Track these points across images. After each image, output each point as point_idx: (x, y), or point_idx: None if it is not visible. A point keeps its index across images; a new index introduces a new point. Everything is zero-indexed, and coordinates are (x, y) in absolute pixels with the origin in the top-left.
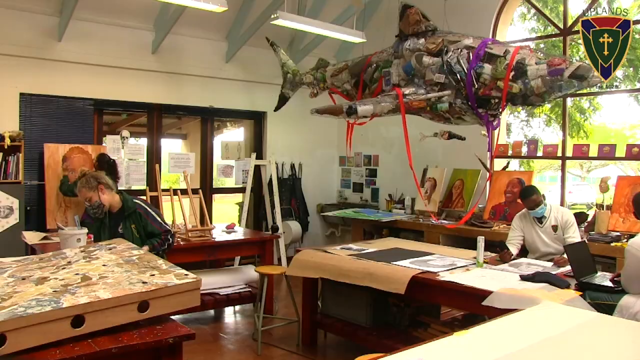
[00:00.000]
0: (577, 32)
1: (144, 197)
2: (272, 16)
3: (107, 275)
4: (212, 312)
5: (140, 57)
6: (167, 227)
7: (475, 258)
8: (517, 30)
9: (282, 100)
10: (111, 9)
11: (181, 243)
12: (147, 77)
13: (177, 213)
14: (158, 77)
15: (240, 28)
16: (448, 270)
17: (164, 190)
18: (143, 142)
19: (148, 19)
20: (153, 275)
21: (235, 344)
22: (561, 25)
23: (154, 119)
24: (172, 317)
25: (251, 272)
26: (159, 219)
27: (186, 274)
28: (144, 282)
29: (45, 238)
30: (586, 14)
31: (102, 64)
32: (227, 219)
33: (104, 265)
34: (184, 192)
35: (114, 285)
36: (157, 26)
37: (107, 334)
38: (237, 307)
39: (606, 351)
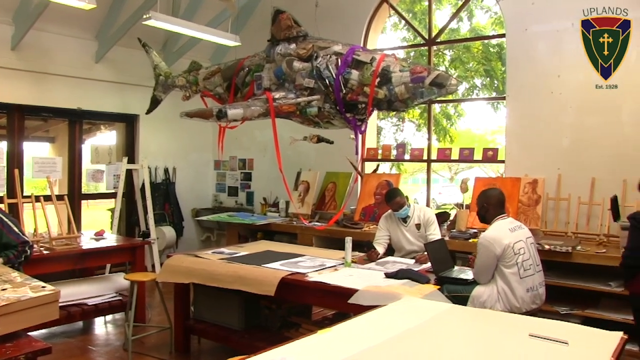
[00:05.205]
0: (442, 42)
1: (1, 206)
2: (144, 16)
3: None
4: (80, 323)
5: None
6: (25, 237)
7: (343, 258)
8: (389, 38)
9: (154, 102)
10: None
11: (44, 252)
12: (6, 75)
13: (41, 221)
14: (19, 75)
15: (111, 27)
16: (317, 270)
17: (25, 197)
18: (2, 145)
19: (6, 11)
20: (4, 289)
21: (105, 355)
22: (427, 36)
23: (15, 121)
24: (33, 332)
25: (121, 280)
26: (15, 229)
27: (43, 286)
28: None
29: None
30: (448, 27)
31: None
32: (100, 226)
33: None
34: (48, 198)
35: None
36: (17, 20)
37: None
38: (109, 317)
39: (458, 337)
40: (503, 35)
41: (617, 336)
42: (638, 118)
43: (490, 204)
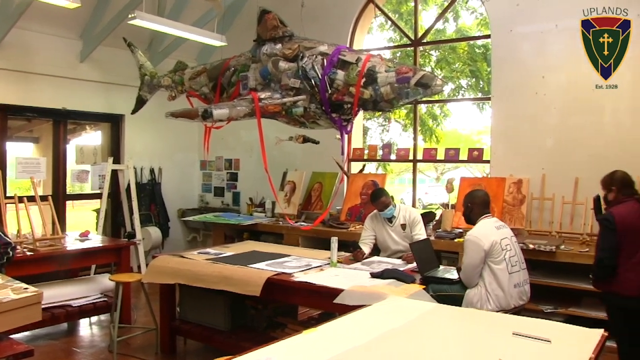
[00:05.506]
0: (427, 43)
1: None
2: (130, 16)
3: None
4: (64, 325)
5: None
6: (7, 239)
7: (329, 258)
8: (376, 39)
9: (140, 102)
10: None
11: (28, 254)
12: None
13: (24, 222)
14: (2, 74)
15: (95, 26)
16: (303, 270)
17: (8, 197)
18: None
19: None
20: None
21: (90, 357)
22: (413, 37)
23: None
24: (15, 334)
25: (107, 281)
26: None
27: (25, 288)
28: None
29: None
30: (434, 28)
31: None
32: (85, 227)
33: None
34: (32, 199)
35: None
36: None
37: None
38: (94, 319)
39: (442, 336)
40: (488, 36)
41: (598, 333)
42: (627, 118)
43: (475, 203)
